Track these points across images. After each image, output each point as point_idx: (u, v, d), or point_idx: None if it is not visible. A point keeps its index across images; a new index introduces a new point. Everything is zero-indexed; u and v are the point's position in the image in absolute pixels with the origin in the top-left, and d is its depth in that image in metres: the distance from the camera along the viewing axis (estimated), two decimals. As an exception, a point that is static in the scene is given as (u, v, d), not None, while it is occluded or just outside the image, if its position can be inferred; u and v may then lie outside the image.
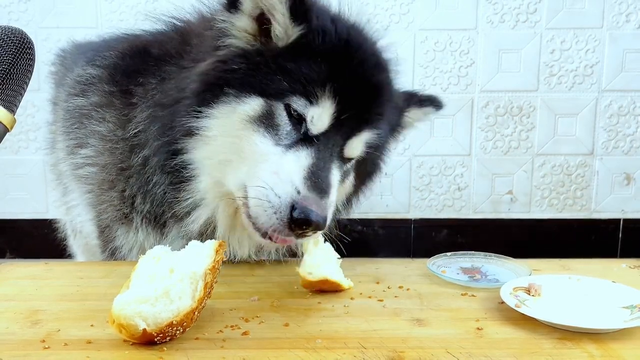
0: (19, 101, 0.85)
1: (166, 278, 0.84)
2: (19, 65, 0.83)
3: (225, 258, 0.91)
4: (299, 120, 1.04)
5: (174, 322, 0.81)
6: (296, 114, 1.03)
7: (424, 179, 2.38)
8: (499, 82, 2.30)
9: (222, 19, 1.08)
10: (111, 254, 1.30)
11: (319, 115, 1.03)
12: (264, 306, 1.00)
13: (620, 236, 2.40)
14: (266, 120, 1.04)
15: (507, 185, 2.38)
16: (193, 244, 0.91)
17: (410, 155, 2.36)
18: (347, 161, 1.12)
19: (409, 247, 2.41)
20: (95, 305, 0.98)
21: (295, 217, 0.95)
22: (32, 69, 0.86)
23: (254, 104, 1.04)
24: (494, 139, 2.35)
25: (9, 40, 0.82)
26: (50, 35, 2.24)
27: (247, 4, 1.06)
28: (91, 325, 0.90)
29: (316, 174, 1.00)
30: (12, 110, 0.83)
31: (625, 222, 2.39)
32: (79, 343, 0.84)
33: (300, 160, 1.01)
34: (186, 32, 1.21)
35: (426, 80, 2.27)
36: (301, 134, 1.04)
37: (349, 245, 1.18)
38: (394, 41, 1.23)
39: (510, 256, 1.21)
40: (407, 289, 1.09)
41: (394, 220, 2.40)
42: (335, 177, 1.06)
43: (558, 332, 0.88)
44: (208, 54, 1.10)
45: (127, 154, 1.19)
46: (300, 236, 0.99)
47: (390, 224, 2.40)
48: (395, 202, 2.39)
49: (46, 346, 0.83)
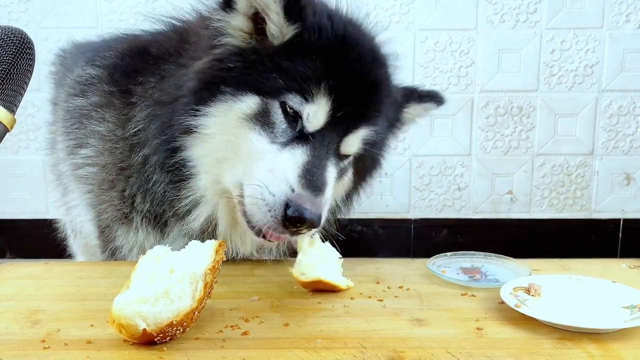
0: (19, 101, 0.85)
1: (166, 278, 0.84)
2: (19, 65, 0.83)
3: (225, 258, 0.91)
4: (294, 118, 1.04)
5: (174, 322, 0.81)
6: (292, 111, 1.03)
7: (424, 179, 2.38)
8: (499, 82, 2.30)
9: (217, 18, 1.08)
10: (111, 254, 1.30)
11: (315, 113, 1.03)
12: (264, 306, 1.00)
13: (620, 236, 2.40)
14: (262, 118, 1.04)
15: (507, 185, 2.38)
16: (193, 244, 0.91)
17: (410, 155, 2.36)
18: (344, 158, 1.12)
19: (409, 247, 2.41)
20: (95, 305, 0.98)
21: (289, 215, 0.95)
22: (32, 69, 0.86)
23: (250, 102, 1.04)
24: (494, 139, 2.35)
25: (9, 40, 0.82)
26: (50, 35, 2.24)
27: (241, 3, 1.06)
28: (91, 325, 0.90)
29: (311, 172, 1.00)
30: (12, 110, 0.83)
31: (625, 222, 2.39)
32: (79, 343, 0.84)
33: (295, 158, 1.01)
34: (185, 31, 1.21)
35: (426, 80, 2.27)
36: (297, 132, 1.04)
37: (349, 245, 1.18)
38: (394, 41, 1.23)
39: (510, 256, 1.21)
40: (407, 289, 1.09)
41: (394, 220, 2.40)
42: (331, 175, 1.06)
43: (558, 332, 0.88)
44: (205, 52, 1.10)
45: (127, 154, 1.19)
46: (295, 234, 1.00)
47: (390, 224, 2.40)
48: (395, 202, 2.39)
49: (46, 346, 0.83)
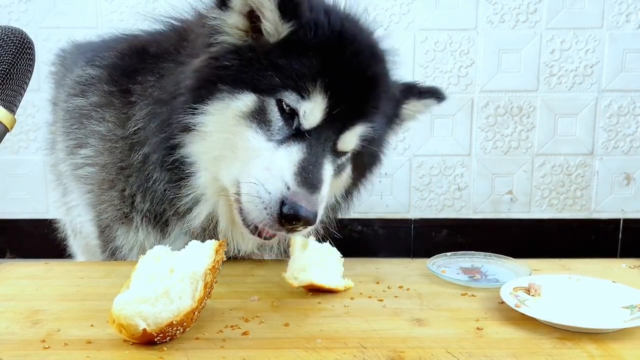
0: (19, 101, 0.85)
1: (166, 278, 0.84)
2: (19, 65, 0.83)
3: (225, 258, 0.91)
4: (291, 115, 1.04)
5: (174, 322, 0.81)
6: (288, 109, 1.03)
7: (424, 179, 2.38)
8: (499, 82, 2.30)
9: (213, 17, 1.08)
10: (111, 254, 1.30)
11: (311, 110, 1.03)
12: (264, 306, 1.00)
13: (620, 236, 2.40)
14: (259, 116, 1.04)
15: (507, 185, 2.38)
16: (193, 244, 0.92)
17: (410, 155, 2.36)
18: (341, 155, 1.12)
19: (409, 247, 2.41)
20: (95, 305, 0.98)
21: (285, 213, 0.96)
22: (32, 69, 0.86)
23: (247, 100, 1.04)
24: (494, 139, 2.35)
25: (9, 40, 0.82)
26: (50, 35, 2.24)
27: (236, 1, 1.06)
28: (91, 325, 0.90)
29: (307, 170, 1.00)
30: (12, 110, 0.83)
31: (625, 222, 2.39)
32: (79, 343, 0.84)
33: (291, 155, 1.02)
34: (183, 30, 1.22)
35: (426, 80, 2.27)
36: (293, 129, 1.04)
37: (349, 245, 1.18)
38: (394, 41, 1.23)
39: (510, 256, 1.21)
40: (407, 289, 1.08)
41: (394, 220, 2.40)
42: (328, 172, 1.06)
43: (558, 332, 0.88)
44: (202, 50, 1.10)
45: (127, 153, 1.19)
46: (291, 231, 1.01)
47: (390, 224, 2.40)
48: (395, 202, 2.39)
49: (46, 346, 0.83)
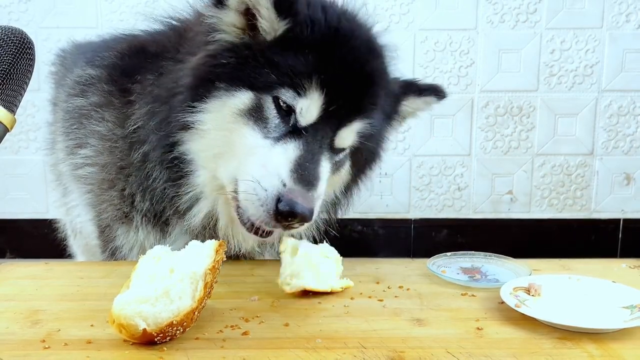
0: (19, 101, 0.85)
1: (166, 278, 0.84)
2: (19, 65, 0.83)
3: (224, 258, 0.91)
4: (287, 112, 1.04)
5: (174, 322, 0.81)
6: (285, 106, 1.03)
7: (424, 179, 2.38)
8: (499, 82, 2.30)
9: (210, 15, 1.08)
10: (111, 253, 1.30)
11: (307, 107, 1.03)
12: (264, 306, 1.00)
13: (620, 236, 2.40)
14: (256, 114, 1.04)
15: (507, 185, 2.38)
16: (193, 243, 0.92)
17: (410, 155, 2.36)
18: (339, 151, 1.12)
19: (409, 247, 2.41)
20: (95, 305, 0.98)
21: (281, 210, 0.97)
22: (32, 69, 0.86)
23: (244, 98, 1.04)
24: (494, 139, 2.35)
25: (9, 40, 0.82)
26: (50, 35, 2.24)
27: (231, 0, 1.06)
28: (91, 325, 0.90)
29: (303, 167, 1.01)
30: (12, 110, 0.83)
31: (625, 222, 2.39)
32: (79, 343, 0.84)
33: (287, 152, 1.02)
34: (182, 28, 1.22)
35: (426, 80, 2.27)
36: (290, 126, 1.04)
37: (349, 245, 1.18)
38: (394, 41, 1.23)
39: (510, 256, 1.21)
40: (407, 289, 1.08)
41: (394, 220, 2.40)
42: (325, 169, 1.06)
43: (558, 332, 0.88)
44: (200, 48, 1.10)
45: (127, 152, 1.20)
46: (288, 228, 1.02)
47: (390, 224, 2.40)
48: (395, 202, 2.39)
49: (46, 346, 0.83)
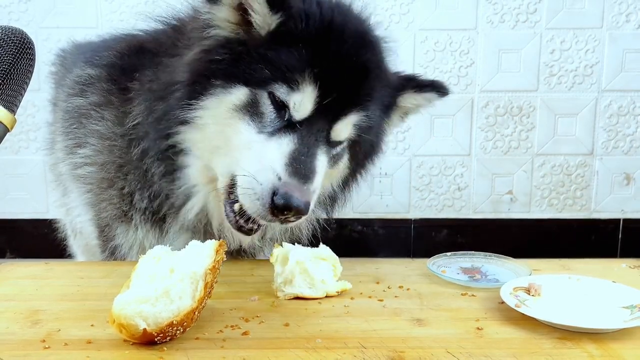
0: (20, 101, 0.85)
1: (166, 278, 0.84)
2: (20, 65, 0.83)
3: (225, 258, 0.91)
4: (282, 107, 1.04)
5: (174, 322, 0.81)
6: (279, 101, 1.04)
7: (424, 179, 2.38)
8: (499, 82, 2.30)
9: (205, 10, 1.08)
10: (111, 253, 1.31)
11: (301, 101, 1.03)
12: (264, 306, 1.00)
13: (620, 236, 2.40)
14: (251, 109, 1.05)
15: (507, 185, 2.38)
16: (193, 243, 0.92)
17: (410, 155, 2.36)
18: (336, 145, 1.12)
19: (409, 247, 2.41)
20: (95, 305, 0.98)
21: (276, 203, 0.97)
22: (33, 69, 0.86)
23: (239, 94, 1.05)
24: (494, 139, 2.35)
25: (9, 40, 0.82)
26: (50, 35, 2.24)
27: None
28: (91, 325, 0.90)
29: (298, 160, 1.01)
30: (13, 110, 0.83)
31: (625, 222, 2.40)
32: (79, 343, 0.84)
33: (282, 146, 1.02)
34: (180, 25, 1.22)
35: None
36: (285, 121, 1.04)
37: (349, 245, 1.18)
38: (394, 42, 1.23)
39: (510, 256, 1.21)
40: (407, 289, 1.08)
41: (394, 220, 2.40)
42: (321, 162, 1.06)
43: (558, 332, 0.88)
44: (196, 44, 1.11)
45: (125, 150, 1.20)
46: (284, 221, 1.02)
47: (390, 224, 2.40)
48: (395, 202, 2.39)
49: (46, 346, 0.83)
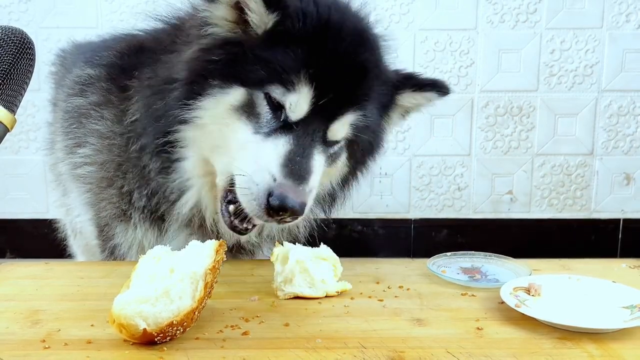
0: (20, 101, 0.85)
1: (166, 278, 0.84)
2: (20, 65, 0.83)
3: (225, 258, 0.91)
4: (278, 108, 1.04)
5: (174, 322, 0.81)
6: (275, 101, 1.04)
7: (424, 179, 2.38)
8: (499, 82, 2.30)
9: (203, 8, 1.08)
10: (110, 252, 1.31)
11: (296, 102, 1.03)
12: (264, 306, 1.00)
13: (620, 236, 2.40)
14: (248, 109, 1.05)
15: (507, 185, 2.38)
16: (193, 243, 0.92)
17: (410, 155, 2.36)
18: (332, 144, 1.12)
19: (409, 247, 2.41)
20: (95, 305, 0.98)
21: (272, 204, 0.98)
22: (33, 69, 0.86)
23: (236, 94, 1.05)
24: (494, 139, 2.35)
25: (9, 40, 0.82)
26: (50, 35, 2.24)
27: None
28: (91, 325, 0.90)
29: (294, 161, 1.01)
30: (13, 110, 0.83)
31: (625, 222, 2.39)
32: (79, 343, 0.84)
33: (278, 147, 1.03)
34: (179, 23, 1.22)
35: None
36: (281, 121, 1.04)
37: (349, 245, 1.18)
38: (394, 41, 1.23)
39: (510, 256, 1.21)
40: (407, 289, 1.08)
41: (394, 220, 2.40)
42: (318, 162, 1.06)
43: (558, 332, 0.88)
44: (194, 41, 1.11)
45: (124, 148, 1.20)
46: (281, 222, 1.03)
47: (390, 224, 2.40)
48: (395, 202, 2.39)
49: (46, 346, 0.83)
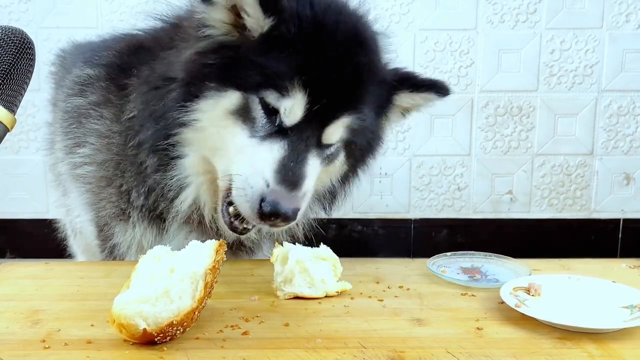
0: (20, 101, 0.85)
1: (166, 278, 0.84)
2: (20, 65, 0.83)
3: (225, 258, 0.91)
4: (273, 112, 1.04)
5: (174, 321, 0.81)
6: (270, 106, 1.04)
7: (424, 179, 2.38)
8: (499, 82, 2.30)
9: (200, 10, 1.08)
10: (110, 252, 1.31)
11: (291, 108, 1.03)
12: (264, 306, 1.00)
13: (620, 236, 2.40)
14: (244, 113, 1.05)
15: (507, 185, 2.38)
16: (193, 243, 0.92)
17: (410, 155, 2.36)
18: (328, 146, 1.12)
19: (409, 247, 2.41)
20: (95, 305, 0.98)
21: (264, 210, 0.99)
22: (33, 69, 0.86)
23: (232, 98, 1.05)
24: (493, 139, 2.35)
25: (9, 40, 0.82)
26: (50, 35, 2.24)
27: None
28: (91, 325, 0.90)
29: (288, 167, 1.02)
30: (13, 110, 0.83)
31: (625, 222, 2.40)
32: (79, 343, 0.84)
33: (272, 152, 1.03)
34: (178, 22, 1.22)
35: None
36: (276, 126, 1.05)
37: (349, 245, 1.18)
38: (394, 41, 1.23)
39: (510, 256, 1.21)
40: (407, 289, 1.08)
41: (394, 220, 2.40)
42: (312, 166, 1.06)
43: (558, 332, 0.88)
44: (190, 42, 1.11)
45: (122, 147, 1.20)
46: (273, 226, 1.04)
47: (390, 224, 2.40)
48: (395, 202, 2.39)
49: (46, 346, 0.83)
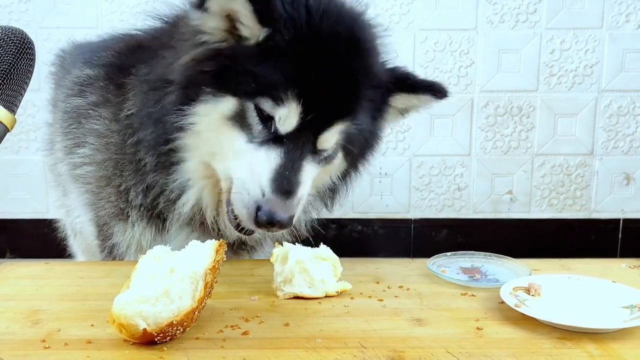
0: (20, 101, 0.85)
1: (166, 278, 0.84)
2: (20, 65, 0.83)
3: (225, 258, 0.91)
4: (268, 119, 1.05)
5: (174, 321, 0.81)
6: (265, 113, 1.04)
7: (424, 179, 2.38)
8: (499, 82, 2.30)
9: (195, 17, 1.08)
10: (109, 252, 1.31)
11: (286, 116, 1.03)
12: (264, 306, 1.00)
13: (620, 236, 2.40)
14: (240, 119, 1.06)
15: (507, 185, 2.38)
16: (193, 243, 0.92)
17: (410, 155, 2.36)
18: (324, 151, 1.12)
19: (409, 247, 2.41)
20: (95, 305, 0.98)
21: (259, 219, 1.01)
22: (33, 69, 0.86)
23: (228, 103, 1.05)
24: (493, 139, 2.35)
25: (9, 40, 0.82)
26: (50, 35, 2.24)
27: (212, 6, 1.05)
28: (91, 325, 0.90)
29: (283, 175, 1.03)
30: (13, 110, 0.84)
31: (625, 222, 2.39)
32: (79, 343, 0.84)
33: (269, 160, 1.04)
34: (177, 21, 1.22)
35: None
36: (271, 133, 1.05)
37: (349, 245, 1.18)
38: (394, 41, 1.23)
39: (510, 256, 1.21)
40: (407, 289, 1.09)
41: (394, 220, 2.40)
42: (308, 172, 1.07)
43: (558, 332, 0.88)
44: (189, 42, 1.10)
45: (121, 146, 1.21)
46: (269, 231, 1.06)
47: (390, 224, 2.40)
48: (395, 202, 2.39)
49: (46, 346, 0.83)
